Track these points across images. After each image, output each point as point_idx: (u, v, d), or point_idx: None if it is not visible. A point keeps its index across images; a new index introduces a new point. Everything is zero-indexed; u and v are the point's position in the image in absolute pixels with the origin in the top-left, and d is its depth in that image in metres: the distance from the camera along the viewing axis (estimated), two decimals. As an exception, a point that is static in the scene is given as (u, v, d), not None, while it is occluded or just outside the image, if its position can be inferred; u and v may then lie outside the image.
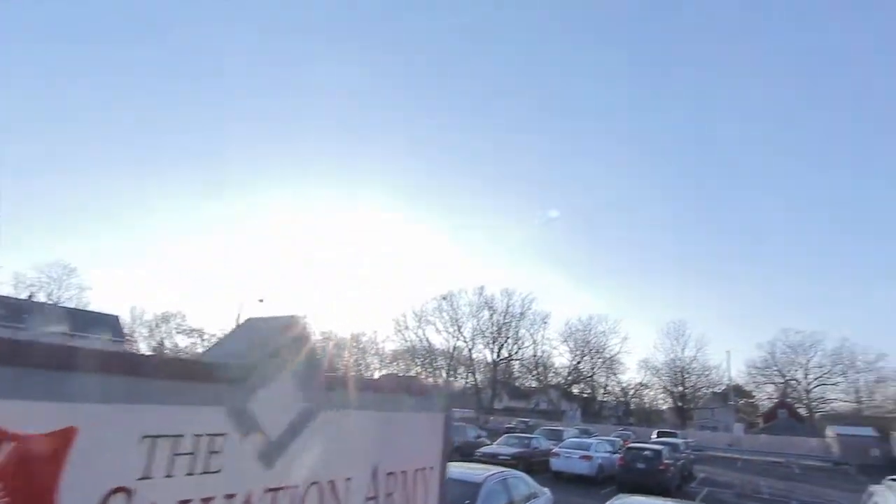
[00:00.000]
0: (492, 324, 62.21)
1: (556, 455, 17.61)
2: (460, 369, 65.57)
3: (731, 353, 78.95)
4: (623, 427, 44.36)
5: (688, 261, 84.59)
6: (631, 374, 71.11)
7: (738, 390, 59.58)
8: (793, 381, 56.83)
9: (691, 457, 24.39)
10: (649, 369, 61.45)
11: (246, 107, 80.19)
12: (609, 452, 18.66)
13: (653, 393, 64.59)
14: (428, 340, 64.19)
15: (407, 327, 64.34)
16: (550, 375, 65.68)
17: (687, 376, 58.70)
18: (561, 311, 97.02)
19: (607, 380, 64.19)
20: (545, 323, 61.98)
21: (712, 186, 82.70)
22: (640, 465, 15.53)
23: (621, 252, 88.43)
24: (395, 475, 2.14)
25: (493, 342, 62.28)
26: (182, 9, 70.77)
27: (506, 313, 61.86)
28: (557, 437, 22.58)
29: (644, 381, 63.19)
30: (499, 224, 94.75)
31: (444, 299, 63.12)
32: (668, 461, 15.77)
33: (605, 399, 66.08)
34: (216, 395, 1.47)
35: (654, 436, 30.41)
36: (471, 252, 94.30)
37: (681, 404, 59.76)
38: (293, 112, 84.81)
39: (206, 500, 1.41)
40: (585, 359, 62.65)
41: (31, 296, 46.03)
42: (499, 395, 65.54)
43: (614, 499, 7.29)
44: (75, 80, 65.70)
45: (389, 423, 2.14)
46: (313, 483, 1.76)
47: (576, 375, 63.75)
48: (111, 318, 48.44)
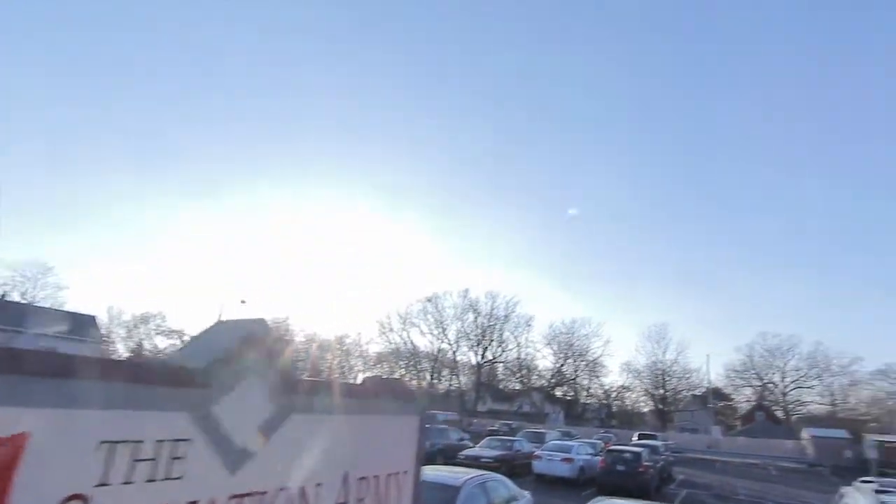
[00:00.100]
0: (476, 326, 62.35)
1: (539, 458, 17.69)
2: (444, 372, 65.54)
3: (711, 357, 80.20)
4: (605, 429, 44.76)
5: (670, 265, 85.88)
6: (613, 376, 71.75)
7: (717, 393, 60.60)
8: (770, 384, 57.98)
9: (671, 459, 24.71)
10: (631, 372, 62.21)
11: (230, 106, 79.34)
12: (590, 455, 18.80)
13: (634, 395, 65.35)
14: (412, 343, 64.10)
15: (391, 329, 64.16)
16: (534, 378, 66.02)
17: (668, 379, 59.50)
18: (545, 313, 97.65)
19: (590, 382, 64.80)
20: (529, 326, 62.36)
21: (695, 192, 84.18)
22: (620, 468, 15.68)
23: (605, 256, 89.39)
24: (367, 480, 2.13)
25: (478, 345, 62.42)
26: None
27: (490, 316, 62.08)
28: (540, 440, 22.70)
29: (626, 384, 63.95)
30: (484, 226, 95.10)
31: (429, 301, 63.12)
32: (647, 463, 15.95)
33: (587, 402, 66.63)
34: (180, 399, 1.44)
35: (634, 438, 30.75)
36: (456, 255, 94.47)
37: (661, 407, 60.52)
38: (278, 112, 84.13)
39: (167, 506, 1.38)
40: (569, 361, 63.13)
41: (3, 295, 44.79)
42: (482, 397, 65.61)
43: (593, 501, 7.34)
44: (56, 75, 64.27)
45: (361, 427, 2.12)
46: (281, 489, 1.74)
47: (559, 378, 64.15)
48: (88, 319, 47.35)
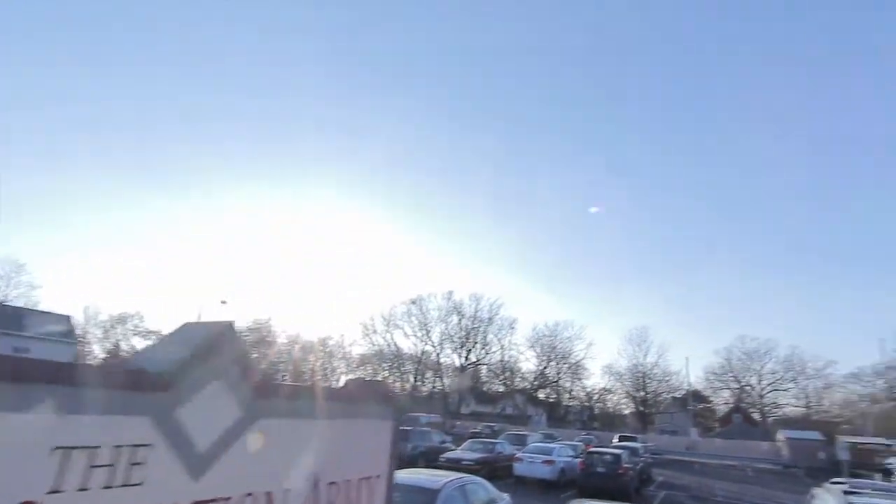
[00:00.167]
0: (460, 328, 62.38)
1: (520, 460, 17.74)
2: (428, 374, 65.40)
3: (690, 360, 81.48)
4: (586, 432, 45.12)
5: (651, 269, 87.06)
6: (595, 379, 72.39)
7: (696, 395, 61.57)
8: (747, 387, 59.09)
9: (650, 461, 25.01)
10: (613, 375, 62.84)
11: (211, 103, 78.28)
12: (571, 457, 18.90)
13: (616, 398, 66.01)
14: (396, 344, 63.85)
15: (375, 331, 63.83)
16: (517, 380, 66.27)
17: (648, 382, 60.26)
18: (528, 316, 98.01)
19: (572, 385, 65.26)
20: (512, 328, 62.60)
21: (676, 198, 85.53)
22: (599, 470, 15.80)
23: (588, 259, 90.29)
24: (338, 484, 2.10)
25: (461, 347, 62.43)
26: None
27: (474, 318, 62.16)
28: (522, 442, 22.75)
29: (608, 387, 64.54)
30: (470, 229, 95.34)
31: (413, 303, 62.95)
32: (627, 465, 16.10)
33: (570, 404, 67.10)
34: (140, 403, 1.40)
35: (615, 440, 31.04)
36: (441, 257, 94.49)
37: (642, 409, 61.24)
38: (260, 111, 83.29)
39: (125, 513, 1.34)
40: (551, 364, 63.51)
41: (-27, 293, 43.48)
42: (466, 399, 65.64)
43: (573, 503, 7.39)
44: (35, 68, 62.70)
45: (333, 431, 2.10)
46: (248, 494, 1.71)
47: (542, 380, 64.50)
48: (62, 319, 46.15)
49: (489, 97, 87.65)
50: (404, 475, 6.80)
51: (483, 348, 62.82)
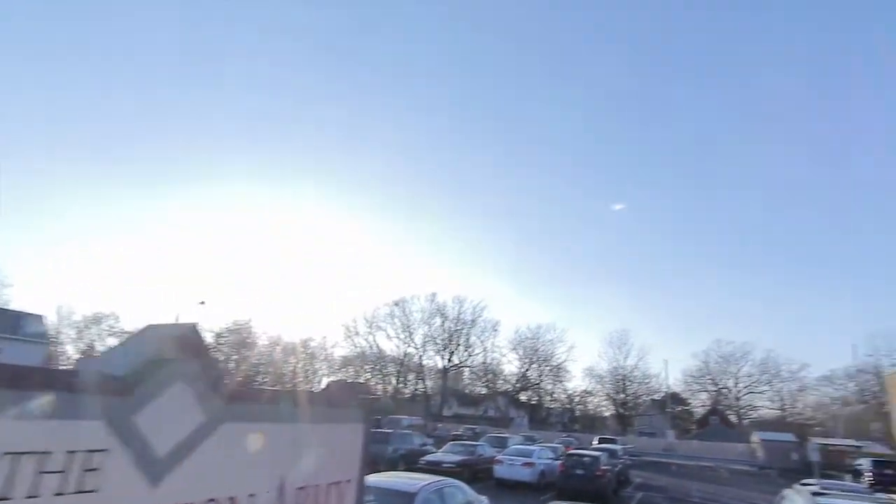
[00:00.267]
0: (443, 331, 62.33)
1: (500, 462, 17.77)
2: (410, 376, 65.19)
3: (669, 362, 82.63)
4: (567, 434, 45.44)
5: (633, 273, 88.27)
6: (576, 381, 72.90)
7: (674, 398, 62.54)
8: (724, 390, 60.22)
9: (628, 462, 25.29)
10: (594, 377, 63.46)
11: (192, 102, 77.10)
12: (551, 459, 19.00)
13: (597, 400, 66.64)
14: (378, 346, 63.53)
15: (357, 333, 63.42)
16: (499, 382, 66.45)
17: (628, 384, 60.97)
18: (511, 319, 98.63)
19: (554, 387, 65.68)
20: (495, 331, 62.80)
21: (657, 204, 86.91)
22: (578, 472, 15.91)
23: (571, 263, 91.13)
24: (307, 489, 2.08)
25: (444, 349, 62.38)
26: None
27: (457, 320, 62.18)
28: (502, 445, 22.78)
29: (589, 389, 65.16)
30: (454, 231, 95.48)
31: (396, 305, 62.74)
32: (605, 467, 16.25)
33: (551, 406, 67.52)
34: (95, 407, 1.37)
35: (595, 442, 31.33)
36: (424, 259, 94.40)
37: (622, 411, 61.92)
38: (243, 111, 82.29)
39: (78, 520, 1.31)
40: (533, 366, 63.86)
41: (-60, 292, 42.02)
42: (448, 402, 65.57)
43: None
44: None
45: (302, 435, 2.07)
46: (210, 500, 1.67)
47: (524, 383, 64.79)
48: (35, 318, 44.85)
49: (475, 98, 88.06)
50: (382, 478, 6.76)
51: (466, 350, 62.92)
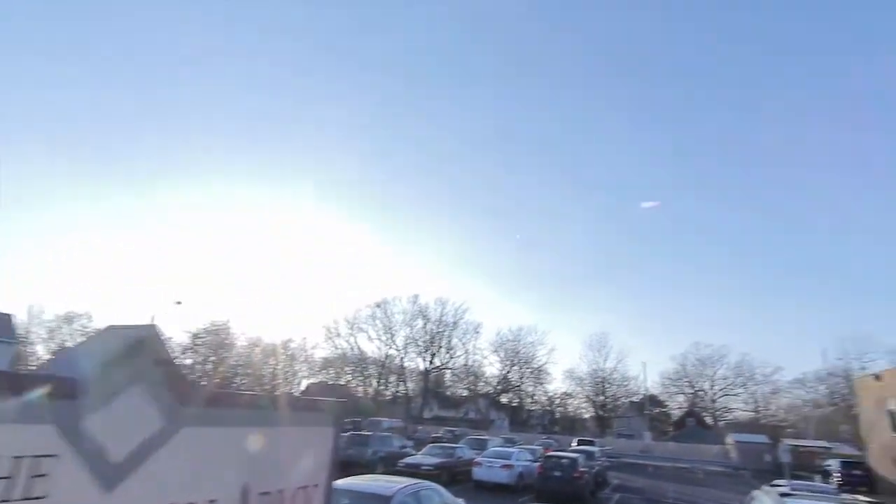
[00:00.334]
0: (425, 332, 62.26)
1: (479, 464, 17.79)
2: (391, 378, 64.91)
3: (648, 365, 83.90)
4: (547, 435, 45.72)
5: (613, 277, 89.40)
6: (557, 384, 73.61)
7: (652, 400, 63.47)
8: (700, 392, 61.33)
9: (606, 464, 25.57)
10: (574, 379, 64.01)
11: (170, 100, 75.73)
12: (529, 461, 19.08)
13: (577, 402, 67.23)
14: (359, 348, 63.13)
15: (338, 334, 62.94)
16: (481, 384, 66.61)
17: (608, 386, 61.65)
18: (493, 321, 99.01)
19: (535, 389, 66.09)
20: (477, 333, 62.97)
21: (637, 209, 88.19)
22: (556, 473, 16.01)
23: (553, 266, 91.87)
24: (271, 495, 2.04)
25: (426, 351, 62.30)
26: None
27: (439, 322, 62.17)
28: (482, 447, 22.81)
29: (569, 391, 65.71)
30: (437, 233, 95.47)
31: (378, 307, 62.47)
32: (583, 469, 16.38)
33: (532, 408, 67.90)
34: (45, 411, 1.32)
35: (574, 444, 31.58)
36: (407, 260, 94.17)
37: (601, 413, 62.58)
38: (222, 109, 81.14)
39: (25, 528, 1.26)
40: (514, 368, 64.16)
41: None
42: (429, 404, 65.46)
43: None
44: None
45: (266, 439, 2.03)
46: (168, 506, 1.64)
47: (505, 385, 65.04)
48: (2, 317, 43.41)
49: (457, 98, 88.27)
50: (358, 481, 6.71)
51: (448, 352, 62.95)
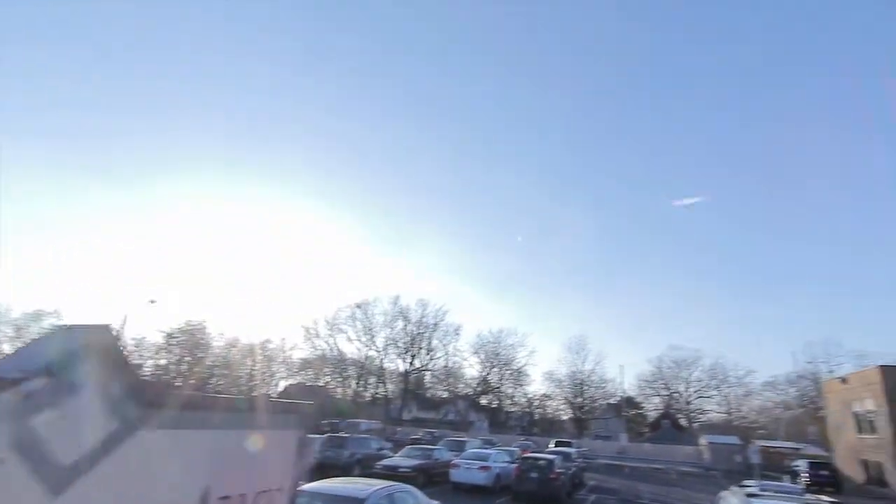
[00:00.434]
0: (405, 334, 62.02)
1: (456, 466, 17.78)
2: (371, 379, 64.49)
3: (625, 367, 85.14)
4: (525, 437, 45.95)
5: (593, 280, 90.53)
6: (536, 385, 74.19)
7: (629, 402, 64.37)
8: (676, 394, 62.43)
9: (583, 465, 25.81)
10: (553, 381, 64.45)
11: (148, 94, 74.14)
12: (507, 462, 19.13)
13: (555, 404, 67.66)
14: (339, 349, 62.58)
15: (318, 335, 62.28)
16: (460, 386, 66.65)
17: (586, 388, 62.25)
18: (473, 323, 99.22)
19: (514, 391, 66.36)
20: (457, 334, 62.99)
21: (615, 214, 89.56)
22: (533, 475, 16.09)
23: (533, 269, 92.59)
24: (232, 499, 2.01)
25: (406, 352, 62.07)
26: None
27: (420, 324, 62.02)
28: (460, 448, 22.83)
29: (548, 393, 66.13)
30: (418, 234, 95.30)
31: (359, 308, 62.04)
32: (559, 470, 16.50)
33: (511, 410, 68.16)
34: (-13, 415, 1.28)
35: (551, 445, 31.80)
36: (388, 261, 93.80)
37: (580, 415, 63.16)
38: (202, 104, 79.76)
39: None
40: (494, 370, 64.34)
41: None
42: (408, 405, 65.21)
43: None
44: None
45: (227, 442, 2.00)
46: (121, 511, 1.60)
47: (485, 386, 65.18)
48: (-35, 315, 41.89)
49: (440, 96, 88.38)
50: (331, 484, 6.64)
51: (428, 354, 62.81)
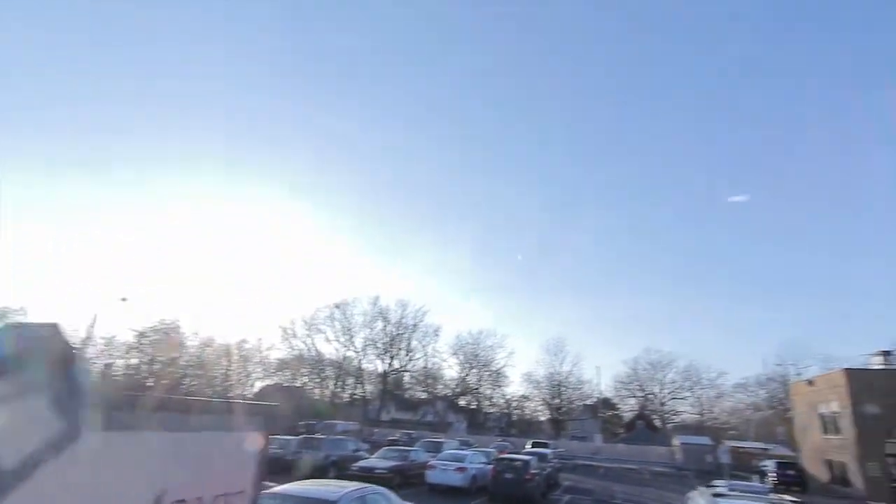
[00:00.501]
0: (385, 334, 61.75)
1: (432, 467, 17.76)
2: (349, 380, 63.99)
3: (602, 369, 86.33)
4: (502, 438, 46.18)
5: (571, 283, 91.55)
6: (515, 387, 74.58)
7: (605, 403, 65.26)
8: (650, 395, 63.56)
9: (558, 466, 26.06)
10: (531, 383, 64.94)
11: (127, 88, 72.34)
12: (483, 463, 19.19)
13: (533, 405, 68.19)
14: (317, 349, 61.94)
15: (295, 335, 61.52)
16: (439, 387, 66.63)
17: (563, 389, 62.90)
18: (453, 324, 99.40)
19: (493, 392, 66.63)
20: (437, 335, 62.98)
21: (594, 218, 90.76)
22: (508, 476, 16.18)
23: (514, 271, 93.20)
24: (187, 503, 1.97)
25: (385, 353, 61.80)
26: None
27: (399, 324, 61.82)
28: (437, 450, 22.82)
29: (526, 394, 66.59)
30: (399, 235, 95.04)
31: (338, 308, 61.53)
32: (534, 471, 16.62)
33: (490, 411, 68.43)
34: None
35: (528, 446, 32.03)
36: (368, 261, 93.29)
37: (557, 416, 63.75)
38: (179, 101, 78.19)
39: None
40: (473, 371, 64.52)
41: None
42: (387, 406, 64.89)
43: None
44: None
45: (183, 444, 1.96)
46: (67, 516, 1.55)
47: (463, 387, 65.30)
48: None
49: (421, 95, 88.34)
50: (302, 486, 6.57)
51: (407, 355, 62.63)
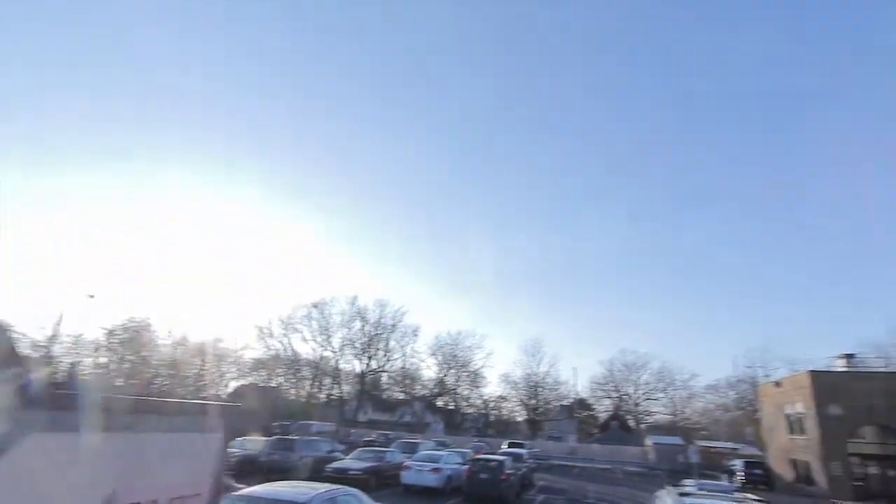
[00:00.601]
0: (363, 334, 61.34)
1: (408, 468, 17.71)
2: (326, 380, 63.36)
3: (578, 370, 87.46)
4: (479, 439, 46.34)
5: (549, 285, 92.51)
6: (492, 387, 74.89)
7: (581, 403, 66.08)
8: (625, 396, 64.60)
9: (533, 466, 26.27)
10: (508, 383, 65.33)
11: (105, 83, 70.27)
12: (459, 464, 19.19)
13: (511, 405, 68.61)
14: (293, 349, 61.16)
15: (271, 335, 60.63)
16: (417, 388, 66.48)
17: (540, 390, 63.46)
18: (431, 324, 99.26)
19: (470, 393, 66.79)
20: (416, 336, 62.84)
21: (572, 222, 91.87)
22: (483, 476, 16.23)
23: (491, 272, 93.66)
24: (140, 505, 1.91)
25: (363, 353, 61.39)
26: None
27: (378, 324, 61.48)
28: (413, 450, 22.75)
29: (503, 395, 66.95)
30: (376, 234, 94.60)
31: (315, 307, 60.88)
32: (509, 471, 16.71)
33: (467, 411, 68.58)
34: None
35: (504, 446, 32.18)
36: (345, 261, 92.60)
37: (534, 416, 64.28)
38: (160, 96, 76.37)
39: None
40: (451, 372, 64.57)
41: None
42: (364, 407, 64.46)
43: None
44: None
45: (136, 445, 1.90)
46: (6, 521, 1.49)
47: (441, 388, 65.30)
48: None
49: (400, 92, 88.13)
50: (272, 488, 6.47)
51: (385, 355, 62.33)
